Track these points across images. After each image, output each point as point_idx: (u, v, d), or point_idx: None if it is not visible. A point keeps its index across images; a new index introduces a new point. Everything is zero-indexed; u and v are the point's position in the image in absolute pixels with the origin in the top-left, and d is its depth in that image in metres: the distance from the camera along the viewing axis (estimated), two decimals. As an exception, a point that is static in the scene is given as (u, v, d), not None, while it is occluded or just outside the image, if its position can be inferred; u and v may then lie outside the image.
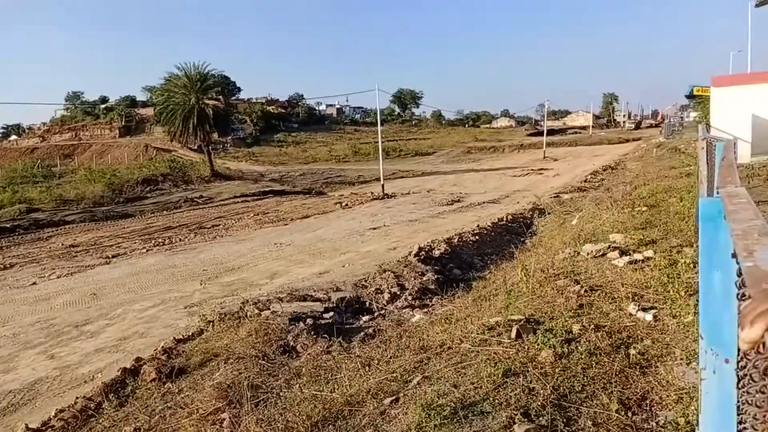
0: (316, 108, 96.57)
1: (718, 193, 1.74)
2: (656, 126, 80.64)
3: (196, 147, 46.07)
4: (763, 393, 0.61)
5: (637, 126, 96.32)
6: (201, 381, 5.87)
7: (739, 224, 1.14)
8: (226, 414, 4.82)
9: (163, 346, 7.38)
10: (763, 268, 0.74)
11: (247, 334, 7.07)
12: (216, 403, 5.07)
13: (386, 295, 9.34)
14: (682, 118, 73.91)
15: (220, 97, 44.39)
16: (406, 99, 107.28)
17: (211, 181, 36.55)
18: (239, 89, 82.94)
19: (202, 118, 38.91)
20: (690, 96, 31.79)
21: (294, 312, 8.09)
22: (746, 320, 0.57)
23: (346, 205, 24.46)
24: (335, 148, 62.65)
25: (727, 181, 2.08)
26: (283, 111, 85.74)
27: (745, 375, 0.80)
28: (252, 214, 23.14)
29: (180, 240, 18.11)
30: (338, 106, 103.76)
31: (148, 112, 69.68)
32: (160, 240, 18.14)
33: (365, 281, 10.04)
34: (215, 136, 48.91)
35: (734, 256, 1.25)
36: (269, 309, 8.27)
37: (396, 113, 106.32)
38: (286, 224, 20.16)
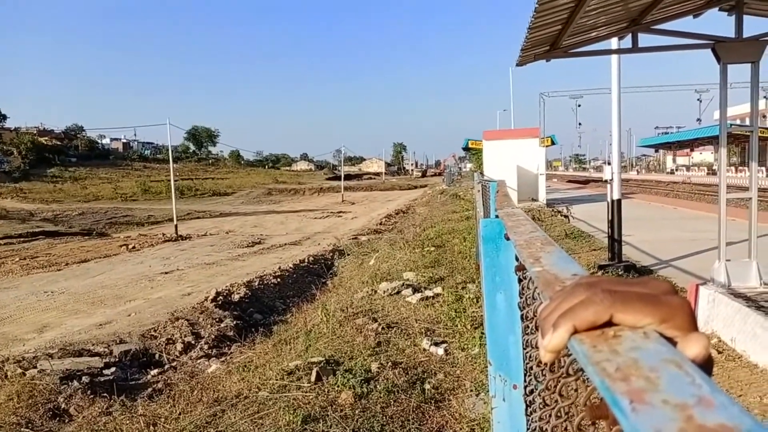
0: (99, 141, 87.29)
1: (497, 216, 1.85)
2: (439, 174, 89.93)
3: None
4: (559, 417, 0.56)
5: (424, 174, 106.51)
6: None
7: (521, 236, 1.19)
8: None
9: None
10: (552, 272, 0.74)
11: (7, 398, 6.24)
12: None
13: (179, 345, 8.76)
14: (460, 168, 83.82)
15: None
16: (201, 136, 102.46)
17: (-37, 220, 31.09)
18: (4, 117, 72.08)
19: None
20: (466, 148, 35.97)
21: (67, 369, 7.31)
22: (547, 324, 0.47)
23: (134, 247, 22.34)
24: (121, 185, 57.02)
25: (504, 205, 2.27)
26: (59, 143, 75.78)
27: (533, 401, 0.78)
28: (17, 259, 20.15)
29: None
30: (125, 141, 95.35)
31: None
32: None
33: (155, 331, 9.31)
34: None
35: (518, 270, 1.30)
36: (36, 367, 7.40)
37: (191, 151, 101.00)
38: (59, 269, 17.72)
